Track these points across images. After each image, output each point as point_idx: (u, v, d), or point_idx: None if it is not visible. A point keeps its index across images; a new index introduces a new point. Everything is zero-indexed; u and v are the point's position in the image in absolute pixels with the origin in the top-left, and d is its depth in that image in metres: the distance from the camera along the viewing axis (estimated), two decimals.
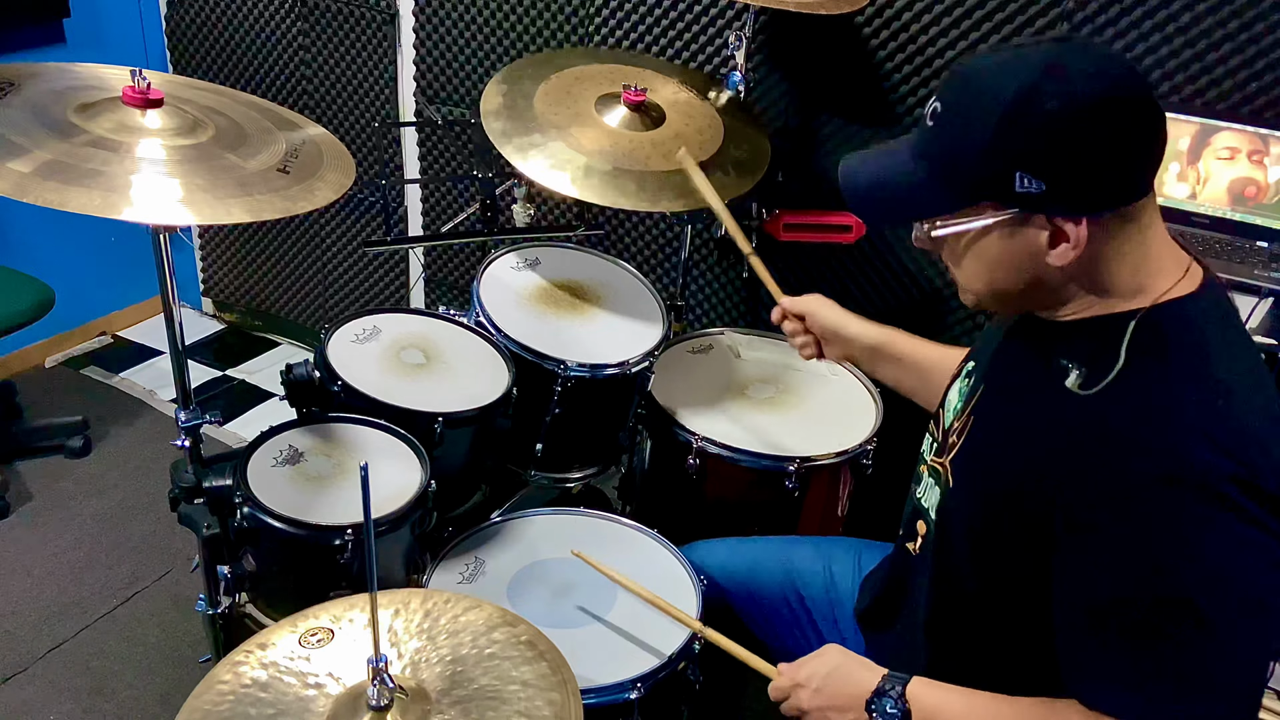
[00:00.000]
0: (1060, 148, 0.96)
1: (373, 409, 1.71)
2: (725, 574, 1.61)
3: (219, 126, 1.62)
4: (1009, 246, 1.04)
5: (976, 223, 1.04)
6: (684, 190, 1.89)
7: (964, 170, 1.01)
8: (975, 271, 1.09)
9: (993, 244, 1.05)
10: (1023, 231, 1.02)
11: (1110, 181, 0.98)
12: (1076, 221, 0.99)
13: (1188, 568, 0.95)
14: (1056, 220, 1.00)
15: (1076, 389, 1.03)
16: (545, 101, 2.00)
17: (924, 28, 2.20)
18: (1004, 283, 1.08)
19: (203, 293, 3.62)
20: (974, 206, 1.03)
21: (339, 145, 1.74)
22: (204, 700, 1.03)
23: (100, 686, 2.18)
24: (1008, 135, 0.97)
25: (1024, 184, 0.98)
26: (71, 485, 2.77)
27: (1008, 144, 0.98)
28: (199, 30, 3.14)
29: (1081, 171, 0.97)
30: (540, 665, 1.08)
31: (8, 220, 3.02)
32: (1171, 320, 1.02)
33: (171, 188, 1.44)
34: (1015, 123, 0.97)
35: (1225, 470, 0.93)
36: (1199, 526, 0.94)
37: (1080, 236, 1.00)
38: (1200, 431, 0.95)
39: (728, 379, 2.07)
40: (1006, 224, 1.02)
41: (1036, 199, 0.99)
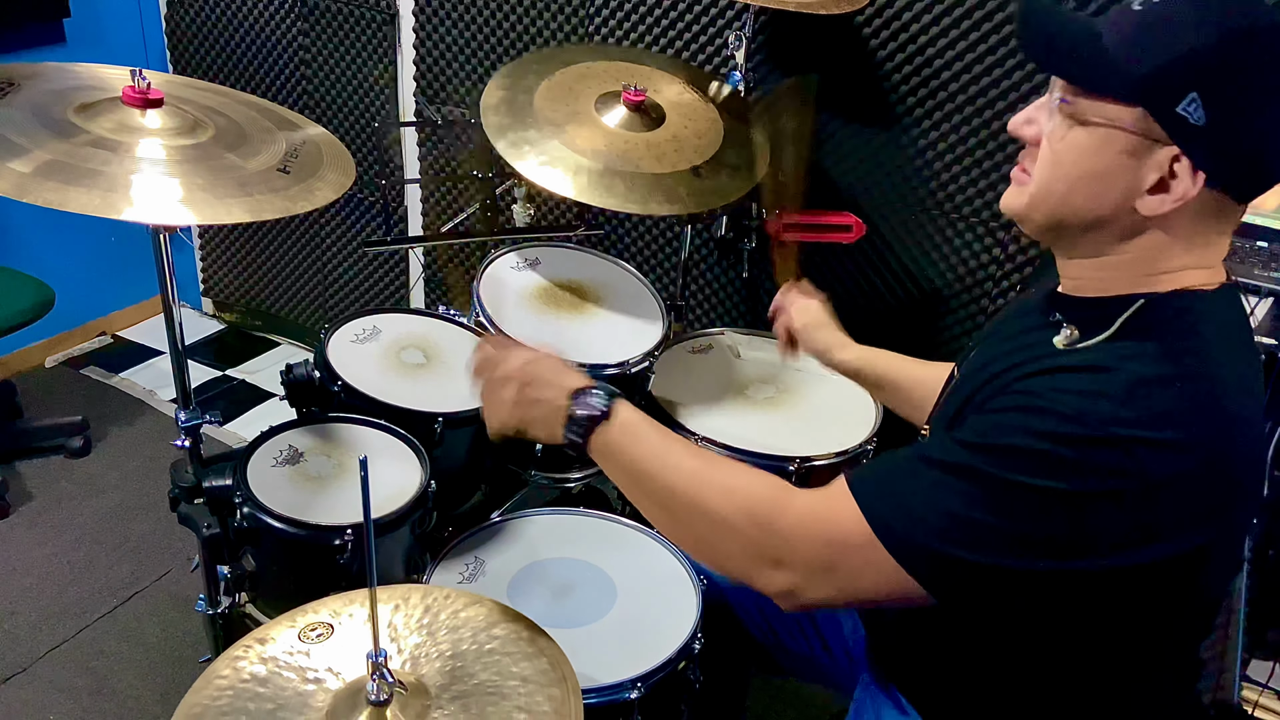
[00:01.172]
0: (1246, 96, 0.92)
1: (373, 409, 1.71)
2: None
3: (219, 126, 1.62)
4: (1118, 165, 0.97)
5: (1114, 118, 0.96)
6: (674, 194, 1.89)
7: (1148, 63, 0.93)
8: (1061, 174, 1.01)
9: (1106, 153, 0.97)
10: (1143, 158, 0.96)
11: (1252, 160, 0.95)
12: (1196, 173, 0.94)
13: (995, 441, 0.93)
14: (1179, 164, 0.94)
15: (1061, 345, 1.02)
16: (546, 98, 2.00)
17: (924, 28, 2.21)
18: (1080, 200, 1.01)
19: (203, 293, 3.62)
20: (1125, 103, 0.95)
21: (339, 145, 1.75)
22: (203, 695, 1.03)
23: (100, 686, 2.18)
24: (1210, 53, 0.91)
25: (1190, 107, 0.92)
26: (71, 485, 2.77)
27: (1204, 61, 0.91)
28: (199, 30, 3.14)
29: (1243, 131, 0.93)
30: (540, 661, 1.08)
31: (8, 220, 3.02)
32: (1174, 307, 1.00)
33: (171, 187, 1.45)
34: (1228, 47, 0.91)
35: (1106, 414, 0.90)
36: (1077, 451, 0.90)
37: (1187, 193, 0.94)
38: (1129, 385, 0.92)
39: (728, 379, 2.07)
40: (1138, 138, 0.95)
41: (1188, 130, 0.92)
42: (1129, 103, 0.95)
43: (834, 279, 2.49)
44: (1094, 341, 0.99)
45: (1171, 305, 1.00)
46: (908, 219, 2.36)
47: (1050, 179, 1.02)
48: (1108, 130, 0.96)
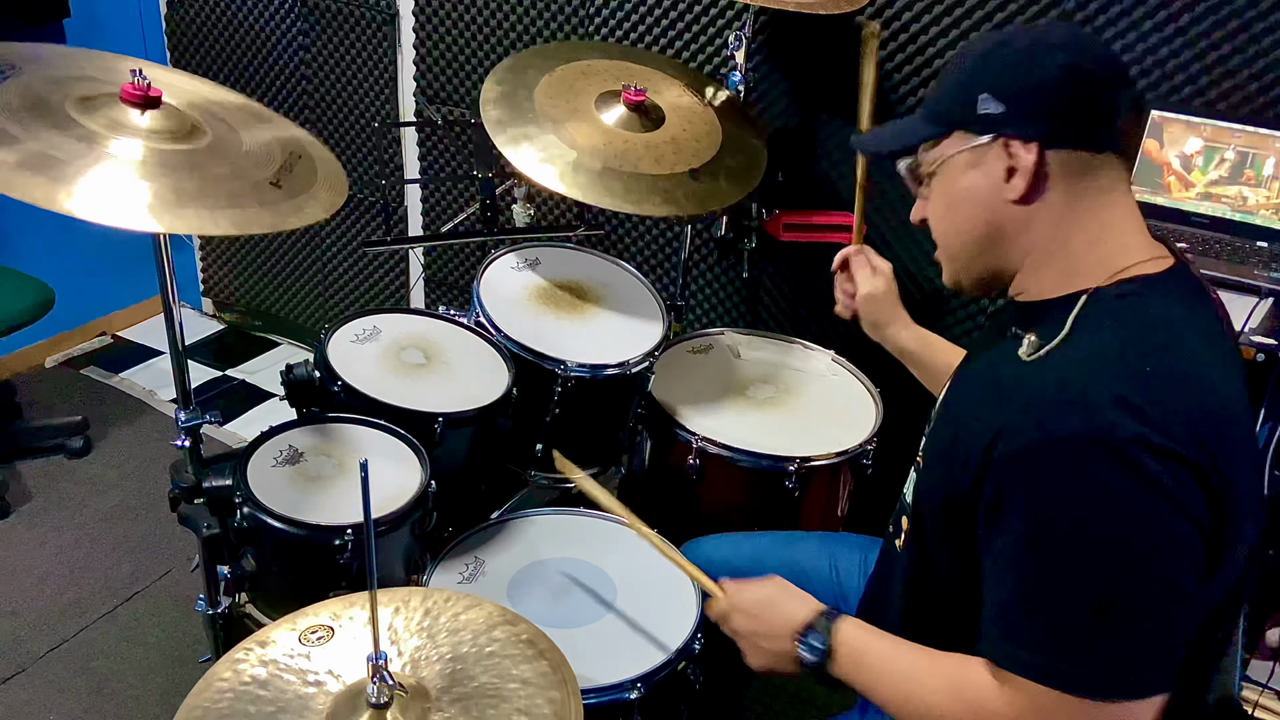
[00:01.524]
0: (1017, 74, 1.06)
1: (373, 409, 1.71)
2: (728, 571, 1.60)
3: (216, 133, 1.59)
4: (970, 178, 1.11)
5: (945, 152, 1.12)
6: (671, 196, 1.89)
7: (941, 100, 1.14)
8: (943, 214, 1.16)
9: (957, 176, 1.12)
10: (983, 160, 1.09)
11: (1063, 112, 1.05)
12: (1026, 144, 1.05)
13: (1089, 529, 0.94)
14: (1011, 146, 1.06)
15: (1025, 357, 1.06)
16: (546, 93, 1.99)
17: (924, 28, 2.21)
18: (965, 224, 1.14)
19: (203, 293, 3.62)
20: (947, 135, 1.12)
21: (334, 162, 1.71)
22: (204, 698, 1.03)
23: (100, 686, 2.18)
24: (978, 68, 1.10)
25: (986, 105, 1.07)
26: (71, 485, 2.77)
27: (976, 75, 1.09)
28: (199, 31, 3.14)
29: (1036, 95, 1.05)
30: (540, 664, 1.08)
31: (8, 220, 3.02)
32: (1123, 296, 1.04)
33: (167, 194, 1.41)
34: (986, 59, 1.09)
35: (1131, 432, 0.92)
36: (1101, 485, 0.93)
37: (1028, 164, 1.05)
38: (1112, 394, 0.94)
39: (728, 379, 2.07)
40: (968, 150, 1.10)
41: (995, 119, 1.07)
42: (946, 134, 1.12)
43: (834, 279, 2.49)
44: (1054, 343, 1.04)
45: (1118, 295, 1.04)
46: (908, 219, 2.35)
47: (942, 229, 1.18)
48: (948, 163, 1.13)
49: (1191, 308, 1.07)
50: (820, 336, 2.24)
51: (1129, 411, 0.93)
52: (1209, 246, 1.89)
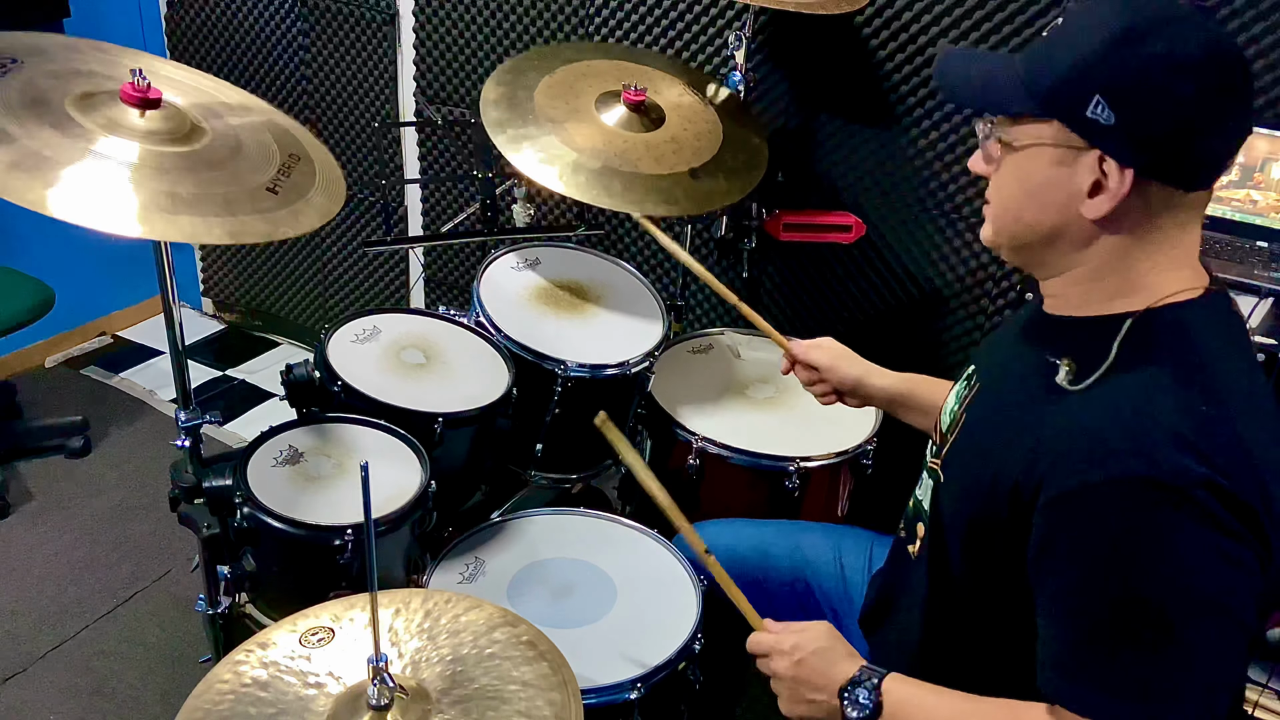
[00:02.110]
0: (1143, 88, 0.96)
1: (372, 409, 1.71)
2: (733, 556, 1.59)
3: (215, 133, 1.57)
4: (1052, 176, 1.03)
5: (1035, 136, 1.03)
6: (670, 195, 1.89)
7: (1051, 77, 1.01)
8: (1010, 195, 1.09)
9: (1040, 166, 1.04)
10: (1072, 165, 1.01)
11: (1176, 147, 0.98)
12: (1123, 169, 0.98)
13: (1154, 572, 0.94)
14: (1106, 164, 0.99)
15: (1066, 384, 1.03)
16: (547, 94, 1.99)
17: (924, 28, 2.20)
18: (1032, 215, 1.07)
19: (203, 293, 3.62)
20: (1043, 120, 1.02)
21: (332, 163, 1.69)
22: (204, 699, 1.03)
23: (100, 686, 2.18)
24: (1103, 56, 0.97)
25: (1097, 109, 0.97)
26: (71, 485, 2.77)
27: (1099, 64, 0.98)
28: (199, 31, 3.14)
29: (1153, 120, 0.97)
30: (541, 665, 1.08)
31: (8, 220, 3.02)
32: (1168, 323, 1.02)
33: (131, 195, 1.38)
34: (1116, 48, 0.97)
35: (1196, 475, 0.91)
36: (1167, 530, 0.93)
37: (1120, 189, 0.99)
38: (1175, 434, 0.93)
39: (728, 379, 2.07)
40: (1061, 148, 1.02)
41: (1101, 130, 0.98)
42: (1044, 118, 1.02)
43: (834, 279, 2.49)
44: (1096, 376, 1.01)
45: (1163, 322, 1.02)
46: (908, 219, 2.36)
47: (1002, 204, 1.10)
48: (1035, 148, 1.04)
49: (1231, 339, 1.05)
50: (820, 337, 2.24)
51: (1191, 453, 0.92)
52: (1209, 246, 1.89)
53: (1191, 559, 0.93)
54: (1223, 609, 0.94)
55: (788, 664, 1.22)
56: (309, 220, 1.53)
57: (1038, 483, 1.01)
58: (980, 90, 1.10)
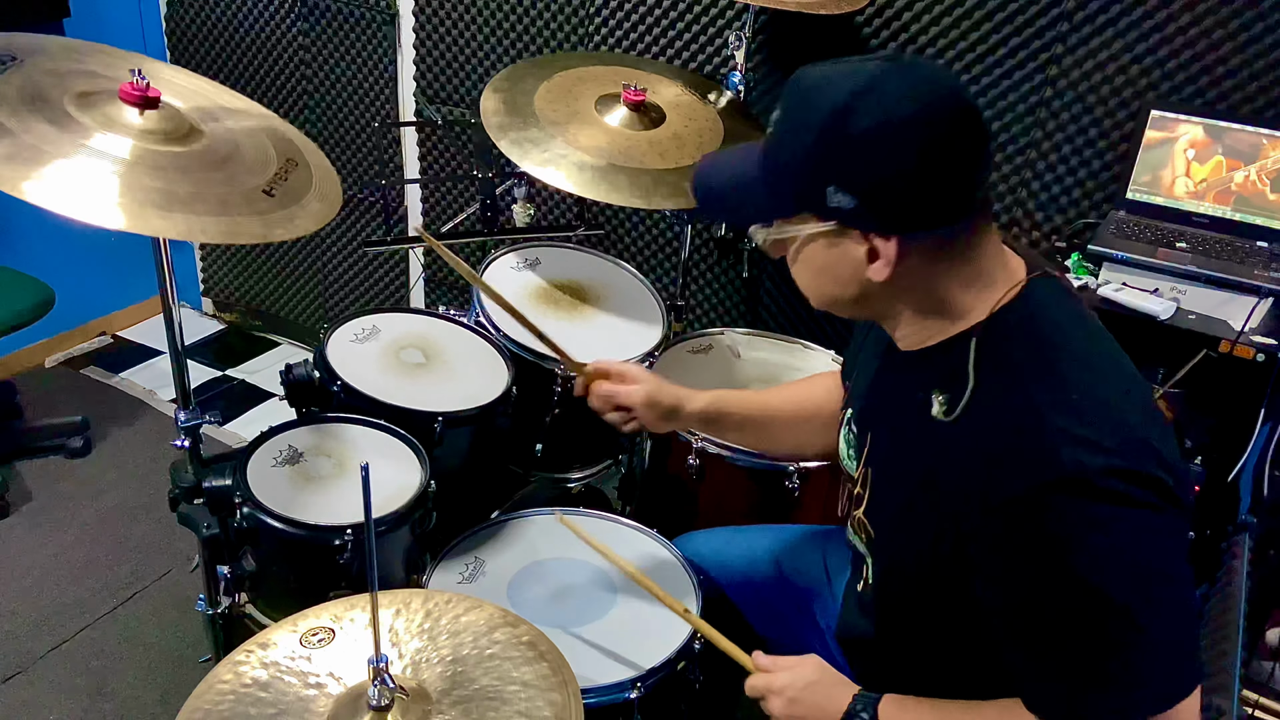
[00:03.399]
0: (868, 166, 0.98)
1: (372, 409, 1.71)
2: (720, 566, 1.62)
3: (213, 135, 1.57)
4: (831, 257, 1.06)
5: (800, 231, 1.06)
6: (678, 189, 1.89)
7: (787, 180, 1.04)
8: (806, 278, 1.12)
9: (817, 253, 1.08)
10: (842, 244, 1.04)
11: (922, 203, 1.00)
12: (886, 239, 1.01)
13: (1094, 567, 0.95)
14: (870, 236, 1.02)
15: (942, 417, 1.05)
16: (546, 99, 2.00)
17: (924, 28, 2.20)
18: (833, 292, 1.11)
19: (203, 293, 3.62)
20: (799, 215, 1.06)
21: (329, 169, 1.69)
22: (204, 700, 1.03)
23: (100, 686, 2.18)
24: (821, 149, 1.00)
25: (836, 198, 1.00)
26: (71, 485, 2.77)
27: (821, 158, 1.00)
28: (199, 30, 3.14)
29: (889, 191, 0.99)
30: (541, 666, 1.08)
31: (8, 220, 3.02)
32: (1008, 328, 1.04)
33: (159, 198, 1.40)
34: (829, 137, 0.99)
35: (1096, 466, 0.94)
36: (1089, 525, 0.95)
37: (890, 254, 1.02)
38: (1059, 432, 0.96)
39: (728, 379, 2.06)
40: (826, 235, 1.05)
41: (848, 214, 1.01)
42: (800, 215, 1.05)
43: None
44: (964, 403, 1.03)
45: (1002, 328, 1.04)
46: None
47: (806, 285, 1.13)
48: (805, 238, 1.07)
49: (1066, 316, 1.07)
50: (820, 336, 2.24)
51: (1082, 446, 0.95)
52: (1209, 246, 1.89)
53: (1122, 542, 0.95)
54: (1166, 578, 0.97)
55: (782, 703, 1.23)
56: (304, 225, 1.53)
57: (955, 516, 1.03)
58: (736, 208, 1.15)
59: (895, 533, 1.17)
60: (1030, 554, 0.98)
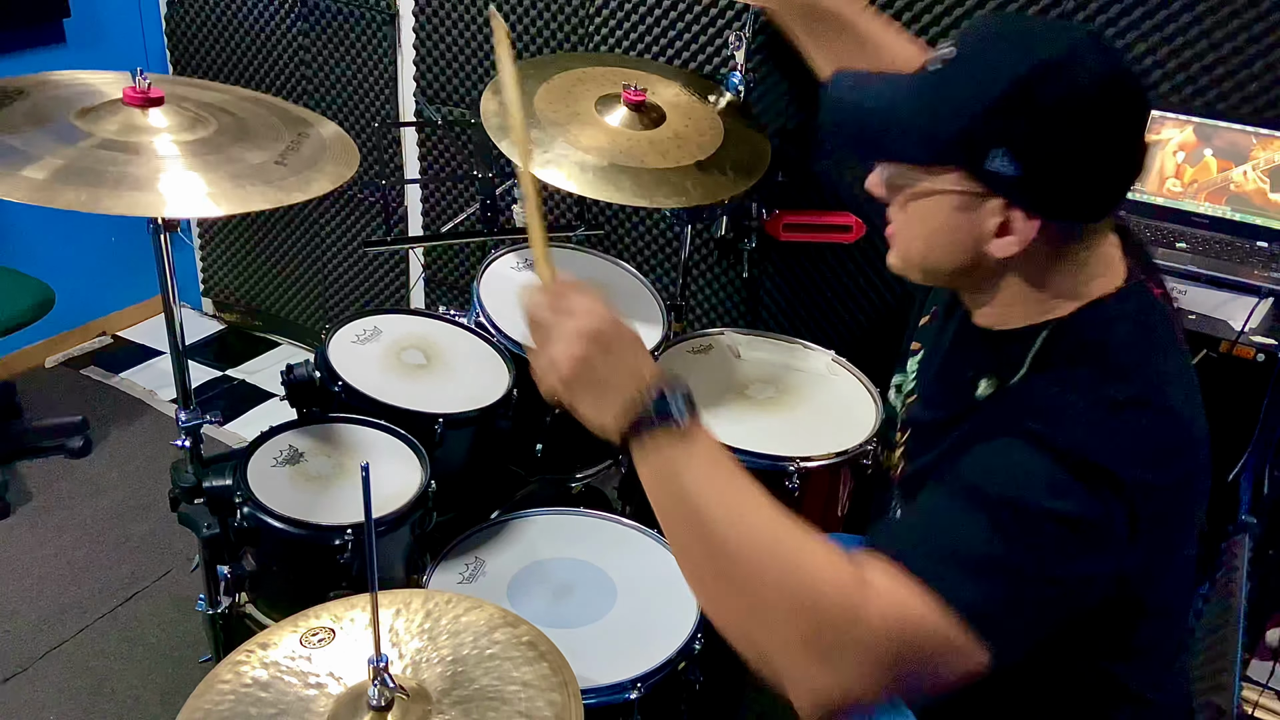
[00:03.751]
0: (1046, 140, 0.95)
1: (373, 409, 1.71)
2: None
3: (221, 122, 1.62)
4: (957, 221, 1.02)
5: (937, 183, 1.01)
6: (679, 188, 1.90)
7: (949, 128, 0.98)
8: (915, 235, 1.07)
9: (943, 212, 1.02)
10: (976, 211, 1.00)
11: (1080, 190, 0.98)
12: (1030, 219, 0.98)
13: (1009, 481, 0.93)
14: (1012, 211, 0.98)
15: (983, 399, 1.05)
16: (546, 100, 2.00)
17: (924, 28, 2.20)
18: (939, 255, 1.06)
19: (203, 293, 3.62)
20: (943, 166, 1.00)
21: (344, 137, 1.73)
22: (205, 700, 1.03)
23: (100, 686, 2.18)
24: (1003, 108, 0.95)
25: (998, 162, 0.96)
26: (71, 485, 2.77)
27: (1000, 118, 0.95)
28: (199, 30, 3.14)
29: (1056, 170, 0.96)
30: (541, 666, 1.08)
31: (8, 220, 3.02)
32: (1078, 328, 1.03)
33: (194, 182, 1.47)
34: (1014, 99, 0.94)
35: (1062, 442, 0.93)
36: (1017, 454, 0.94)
37: (1027, 235, 0.99)
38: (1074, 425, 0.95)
39: (728, 379, 2.06)
40: (964, 196, 1.00)
41: (1004, 182, 0.97)
42: (945, 166, 0.99)
43: (834, 279, 2.49)
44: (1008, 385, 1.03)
45: (1076, 327, 1.03)
46: None
47: (907, 241, 1.09)
48: (937, 192, 1.01)
49: (1145, 328, 1.05)
50: (820, 336, 2.25)
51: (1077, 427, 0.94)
52: (1209, 246, 1.89)
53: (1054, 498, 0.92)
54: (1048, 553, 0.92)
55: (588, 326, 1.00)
56: (320, 185, 1.56)
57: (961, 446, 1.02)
58: (875, 138, 1.06)
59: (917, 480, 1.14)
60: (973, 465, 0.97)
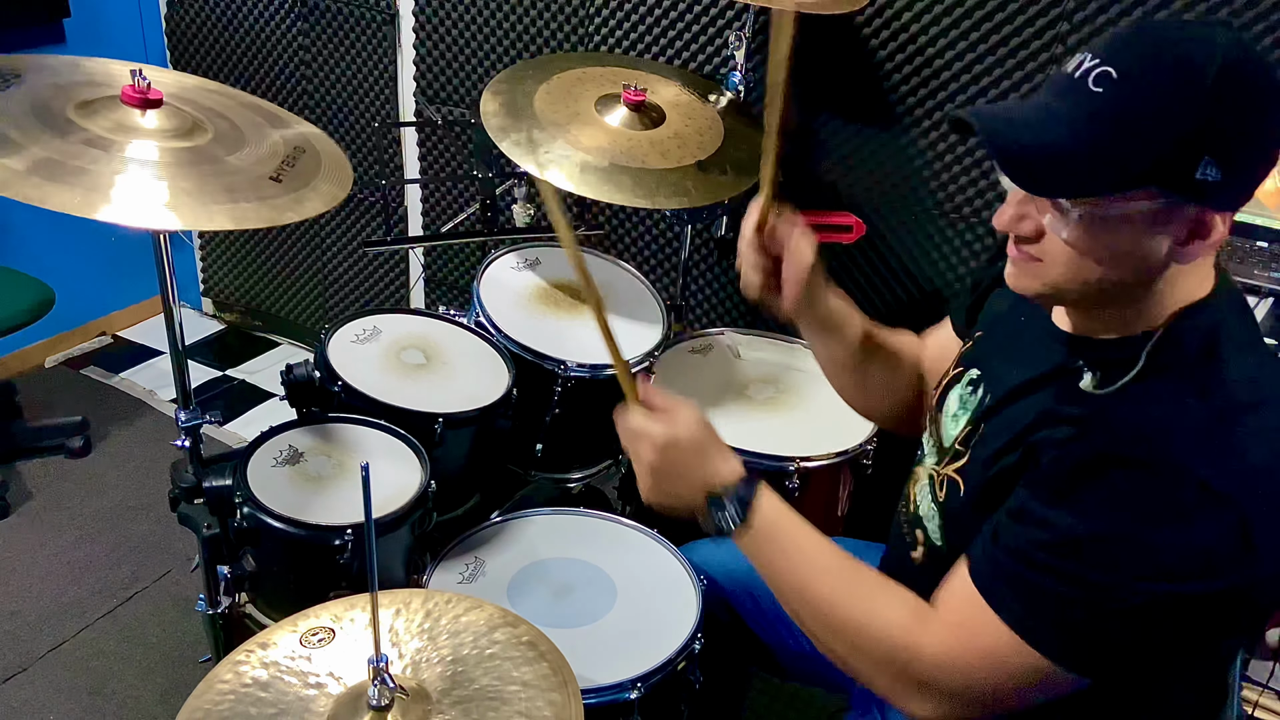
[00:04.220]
0: (1251, 133, 0.91)
1: (373, 409, 1.71)
2: (725, 574, 1.61)
3: (219, 130, 1.60)
4: (1141, 240, 0.95)
5: (1130, 206, 0.93)
6: (681, 188, 1.90)
7: (1147, 150, 0.90)
8: (1091, 262, 0.97)
9: (1127, 234, 0.95)
10: (1167, 224, 0.94)
11: (1257, 179, 0.94)
12: (1224, 215, 0.94)
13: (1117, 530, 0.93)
14: (1207, 215, 0.93)
15: (1091, 389, 1.02)
16: (545, 101, 2.00)
17: (924, 28, 2.20)
18: (1115, 276, 0.98)
19: (203, 293, 3.62)
20: (1137, 189, 0.93)
21: (339, 153, 1.71)
22: (205, 699, 1.03)
23: (100, 686, 2.18)
24: (1209, 113, 0.89)
25: (1206, 171, 0.89)
26: (71, 485, 2.77)
27: (1206, 123, 0.89)
28: (199, 30, 3.14)
29: (1254, 161, 0.92)
30: (541, 666, 1.08)
31: (8, 220, 3.02)
32: (1187, 331, 1.01)
33: (159, 190, 1.43)
34: (1219, 100, 0.88)
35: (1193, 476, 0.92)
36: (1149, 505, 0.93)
37: (1222, 233, 0.94)
38: (1190, 441, 0.94)
39: (728, 379, 2.07)
40: (1161, 211, 0.93)
41: (1209, 188, 0.90)
42: (1139, 189, 0.92)
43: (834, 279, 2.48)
44: (1125, 381, 1.00)
45: (1185, 331, 1.00)
46: (908, 219, 2.36)
47: (1077, 269, 0.99)
48: (1126, 215, 0.94)
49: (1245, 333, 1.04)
50: None
51: (1199, 459, 0.92)
52: None
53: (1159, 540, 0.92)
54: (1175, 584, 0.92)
55: (652, 449, 1.13)
56: (313, 206, 1.55)
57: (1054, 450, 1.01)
58: (1048, 173, 0.95)
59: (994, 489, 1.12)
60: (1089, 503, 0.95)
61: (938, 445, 1.27)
